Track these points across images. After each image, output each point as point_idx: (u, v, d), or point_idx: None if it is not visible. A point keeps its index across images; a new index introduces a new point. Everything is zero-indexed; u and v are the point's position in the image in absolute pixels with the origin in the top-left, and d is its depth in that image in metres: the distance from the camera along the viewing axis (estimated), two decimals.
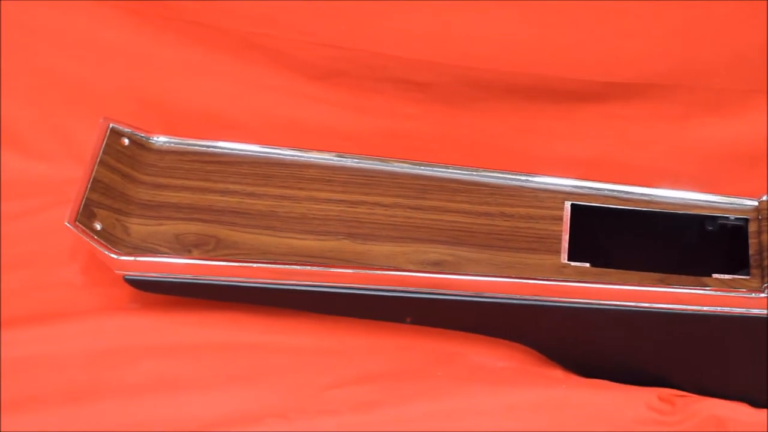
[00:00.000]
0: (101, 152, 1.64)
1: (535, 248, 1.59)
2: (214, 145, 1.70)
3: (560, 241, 1.60)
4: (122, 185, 1.64)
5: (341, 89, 1.81)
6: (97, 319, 1.64)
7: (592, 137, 1.81)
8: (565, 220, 1.62)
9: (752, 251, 1.58)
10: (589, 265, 1.57)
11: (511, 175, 1.67)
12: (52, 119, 1.85)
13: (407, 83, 1.79)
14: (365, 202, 1.65)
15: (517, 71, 1.76)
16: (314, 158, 1.69)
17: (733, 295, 1.52)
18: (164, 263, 1.57)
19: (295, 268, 1.56)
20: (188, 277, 1.58)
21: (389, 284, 1.56)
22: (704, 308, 1.53)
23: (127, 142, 1.68)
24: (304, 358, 1.62)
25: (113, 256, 1.57)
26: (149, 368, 1.60)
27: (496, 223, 1.63)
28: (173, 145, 1.70)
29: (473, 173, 1.68)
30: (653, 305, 1.54)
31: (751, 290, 1.53)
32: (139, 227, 1.62)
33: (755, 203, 1.63)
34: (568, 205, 1.64)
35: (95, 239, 1.57)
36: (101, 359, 1.61)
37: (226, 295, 1.59)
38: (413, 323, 1.61)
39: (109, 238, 1.58)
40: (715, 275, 1.55)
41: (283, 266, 1.56)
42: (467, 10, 1.73)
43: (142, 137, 1.70)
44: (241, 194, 1.65)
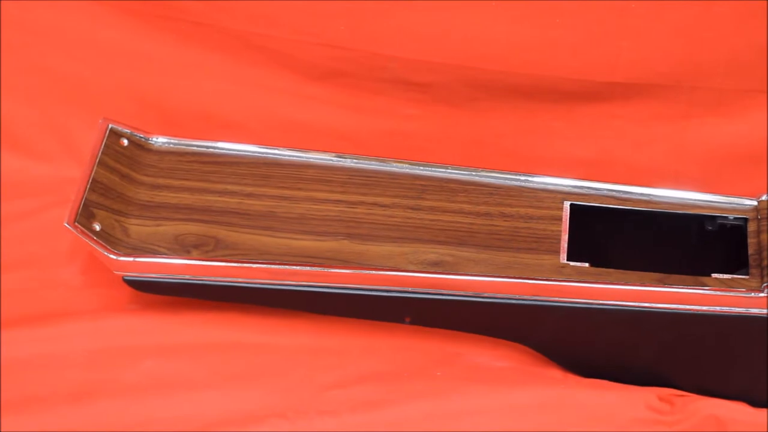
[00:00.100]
0: (100, 153, 1.64)
1: (534, 248, 1.59)
2: (213, 145, 1.70)
3: (560, 241, 1.59)
4: (121, 186, 1.64)
5: (341, 89, 1.81)
6: (96, 319, 1.64)
7: (592, 137, 1.81)
8: (564, 220, 1.62)
9: (751, 251, 1.57)
10: (588, 265, 1.56)
11: (510, 175, 1.67)
12: (51, 119, 1.85)
13: (407, 83, 1.79)
14: (364, 202, 1.65)
15: (517, 71, 1.76)
16: (313, 158, 1.69)
17: (732, 294, 1.52)
18: (163, 264, 1.57)
19: (294, 268, 1.56)
20: (187, 277, 1.58)
21: (388, 284, 1.56)
22: (704, 308, 1.53)
23: (126, 142, 1.68)
24: (303, 358, 1.62)
25: (112, 256, 1.57)
26: (149, 368, 1.60)
27: (495, 223, 1.63)
28: (172, 145, 1.70)
29: (473, 173, 1.67)
30: (653, 305, 1.54)
31: (750, 290, 1.52)
32: (138, 228, 1.62)
33: (754, 203, 1.62)
34: (567, 205, 1.63)
35: (94, 240, 1.57)
36: (101, 359, 1.61)
37: (225, 295, 1.59)
38: (412, 323, 1.61)
39: (108, 238, 1.59)
40: (714, 275, 1.55)
41: (282, 266, 1.56)
42: (467, 10, 1.73)
43: (141, 138, 1.70)
44: (240, 195, 1.65)
